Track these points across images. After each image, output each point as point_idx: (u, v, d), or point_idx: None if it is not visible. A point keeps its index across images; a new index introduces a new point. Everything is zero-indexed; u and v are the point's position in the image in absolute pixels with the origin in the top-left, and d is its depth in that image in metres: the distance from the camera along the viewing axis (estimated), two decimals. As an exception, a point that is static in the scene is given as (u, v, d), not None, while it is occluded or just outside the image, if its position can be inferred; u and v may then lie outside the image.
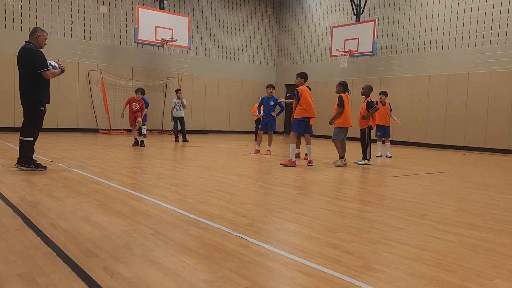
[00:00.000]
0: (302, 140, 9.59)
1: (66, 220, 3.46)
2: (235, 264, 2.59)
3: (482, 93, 13.45)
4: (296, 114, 7.85)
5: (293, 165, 7.67)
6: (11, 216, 3.52)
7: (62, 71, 6.23)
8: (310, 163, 7.92)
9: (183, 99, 12.76)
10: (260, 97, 14.08)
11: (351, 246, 3.05)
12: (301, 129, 7.92)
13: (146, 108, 11.15)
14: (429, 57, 14.93)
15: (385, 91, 11.05)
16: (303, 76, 7.99)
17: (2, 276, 2.26)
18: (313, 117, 8.11)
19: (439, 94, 14.54)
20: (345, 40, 16.42)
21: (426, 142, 14.90)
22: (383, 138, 10.72)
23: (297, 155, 9.56)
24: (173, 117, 12.88)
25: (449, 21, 14.40)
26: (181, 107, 12.71)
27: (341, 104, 8.15)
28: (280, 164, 7.82)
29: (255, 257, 2.74)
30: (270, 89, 10.07)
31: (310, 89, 8.15)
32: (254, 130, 15.01)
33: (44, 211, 3.73)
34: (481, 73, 13.50)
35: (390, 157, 10.48)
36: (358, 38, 16.02)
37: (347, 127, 8.30)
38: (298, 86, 7.95)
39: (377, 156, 10.62)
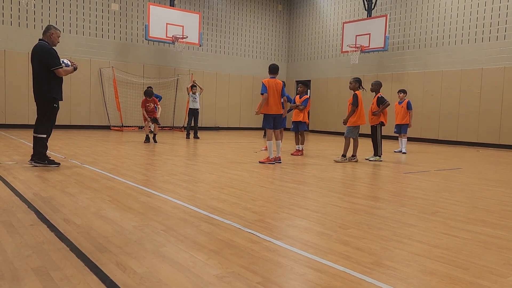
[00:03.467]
0: (306, 137, 9.52)
1: (79, 215, 3.51)
2: (246, 260, 2.60)
3: (496, 88, 13.25)
4: (262, 109, 7.42)
5: (271, 162, 7.43)
6: (25, 211, 3.58)
7: (75, 69, 6.29)
8: (278, 160, 7.56)
9: (196, 94, 12.82)
10: None
11: (362, 242, 3.04)
12: (270, 124, 7.47)
13: (159, 101, 11.29)
14: (441, 52, 14.74)
15: (403, 89, 11.16)
16: (268, 68, 7.48)
17: (17, 270, 2.30)
18: (279, 114, 7.48)
19: (452, 89, 14.36)
20: (356, 35, 16.29)
21: (439, 139, 14.75)
22: (400, 134, 10.82)
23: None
24: (189, 109, 12.93)
25: (462, 15, 14.19)
26: (196, 99, 12.75)
27: (356, 103, 8.07)
28: (259, 162, 7.55)
29: (266, 253, 2.74)
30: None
31: (284, 84, 7.62)
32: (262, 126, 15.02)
33: (57, 206, 3.79)
34: (495, 68, 13.29)
35: (405, 153, 10.46)
36: (369, 34, 15.88)
37: (359, 125, 8.23)
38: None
39: (394, 151, 10.71)
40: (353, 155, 8.25)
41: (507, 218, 3.96)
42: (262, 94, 7.34)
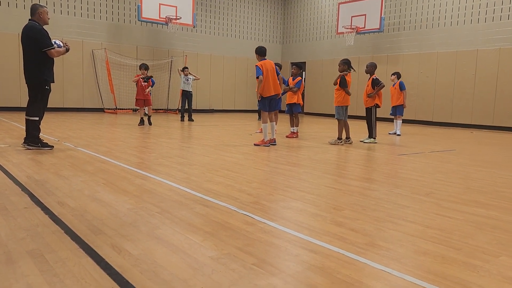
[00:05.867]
0: (301, 119, 9.50)
1: (73, 198, 3.50)
2: (241, 241, 2.61)
3: (490, 70, 13.24)
4: (260, 92, 7.36)
5: (266, 145, 7.40)
6: (19, 194, 3.56)
7: (67, 50, 6.19)
8: (273, 142, 7.56)
9: (189, 77, 12.70)
10: None
11: (356, 223, 3.06)
12: (266, 106, 7.43)
13: (152, 86, 11.16)
14: (437, 33, 14.66)
15: (396, 72, 11.17)
16: (257, 52, 7.42)
17: (11, 253, 2.29)
18: (277, 94, 7.46)
19: (447, 71, 14.33)
20: (352, 16, 16.13)
21: (433, 120, 14.79)
22: (396, 116, 10.91)
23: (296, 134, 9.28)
24: (182, 91, 12.84)
25: (459, -4, 14.07)
26: (188, 82, 12.67)
27: (344, 84, 8.03)
28: (254, 144, 7.52)
29: (260, 234, 2.76)
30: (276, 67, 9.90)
31: (280, 66, 7.48)
32: (257, 109, 14.96)
33: (51, 189, 3.77)
34: (490, 50, 13.26)
35: (399, 135, 10.52)
36: (365, 15, 15.73)
37: (347, 106, 8.21)
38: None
39: (389, 133, 10.78)
40: (347, 137, 8.25)
41: (499, 199, 4.00)
42: (257, 77, 7.24)
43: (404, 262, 2.37)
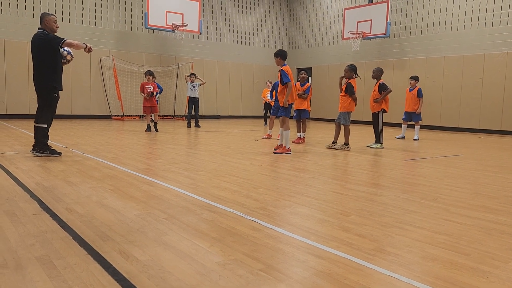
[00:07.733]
0: (307, 124, 9.50)
1: (82, 204, 3.52)
2: (248, 247, 2.61)
3: (498, 74, 13.16)
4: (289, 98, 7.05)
5: (288, 152, 7.12)
6: (28, 201, 3.59)
7: (88, 48, 5.94)
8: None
9: (195, 83, 12.76)
10: (268, 82, 14.03)
11: (364, 229, 3.05)
12: (289, 112, 7.17)
13: (160, 93, 11.19)
14: (443, 38, 14.62)
15: (415, 76, 11.13)
16: (278, 55, 7.07)
17: (21, 259, 2.31)
18: (293, 102, 7.24)
19: (454, 76, 14.27)
20: (357, 22, 16.15)
21: (441, 125, 14.70)
22: (413, 122, 10.95)
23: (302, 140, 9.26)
24: (189, 98, 12.89)
25: (465, 0, 14.03)
26: (195, 88, 12.71)
27: (351, 91, 8.03)
28: (274, 152, 7.20)
29: (267, 240, 2.75)
30: None
31: None
32: (263, 115, 14.95)
33: (59, 196, 3.80)
34: (497, 54, 13.19)
35: (416, 139, 10.56)
36: (371, 20, 15.74)
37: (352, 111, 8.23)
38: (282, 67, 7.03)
39: (396, 138, 10.76)
40: (334, 142, 8.27)
41: (508, 204, 3.96)
42: (286, 83, 6.90)
43: (412, 268, 2.35)
